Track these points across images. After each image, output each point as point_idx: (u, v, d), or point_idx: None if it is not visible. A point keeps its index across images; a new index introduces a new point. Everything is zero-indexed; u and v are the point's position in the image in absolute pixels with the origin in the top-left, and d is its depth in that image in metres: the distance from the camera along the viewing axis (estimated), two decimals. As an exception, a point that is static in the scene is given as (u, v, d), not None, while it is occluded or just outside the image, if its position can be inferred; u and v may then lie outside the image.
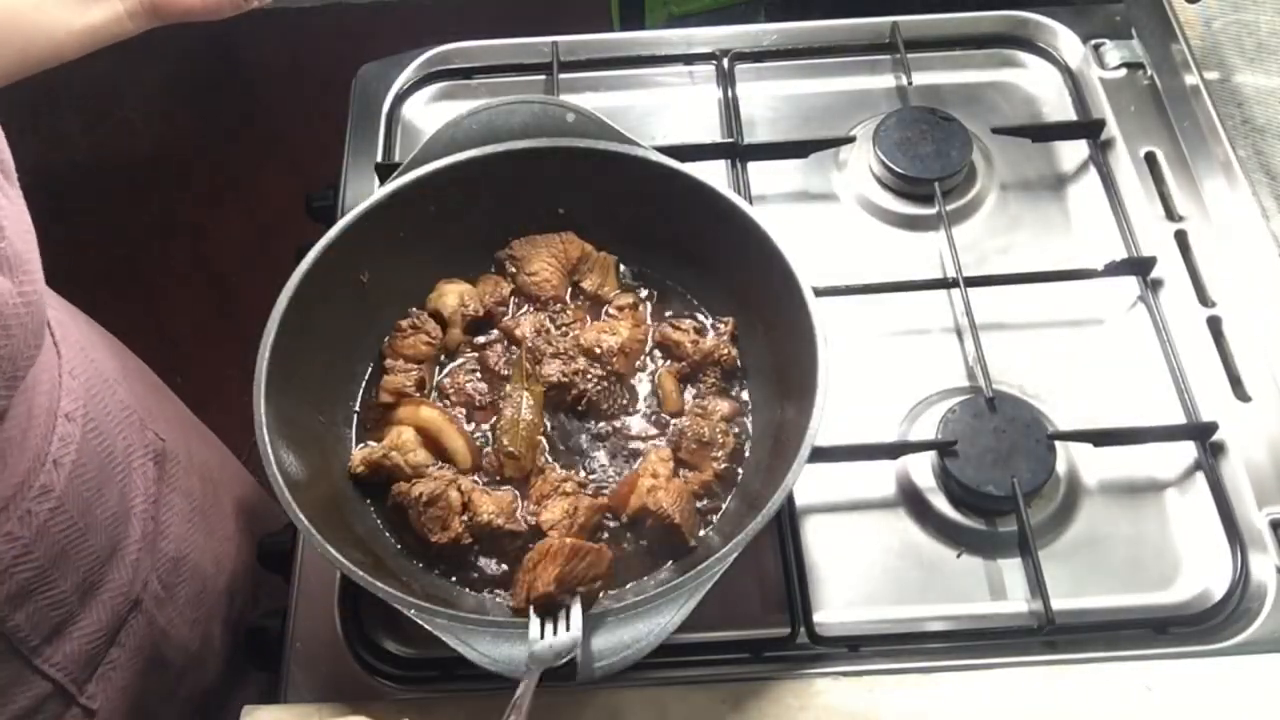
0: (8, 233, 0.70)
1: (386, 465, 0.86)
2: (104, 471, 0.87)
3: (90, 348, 0.93)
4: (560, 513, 0.83)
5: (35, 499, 0.78)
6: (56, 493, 0.80)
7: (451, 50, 1.22)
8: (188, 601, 1.00)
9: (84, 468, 0.84)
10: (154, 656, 0.96)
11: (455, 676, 0.84)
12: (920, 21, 1.21)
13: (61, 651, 0.85)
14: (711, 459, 0.87)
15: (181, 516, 1.00)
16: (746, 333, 0.93)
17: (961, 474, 0.89)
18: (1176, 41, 1.14)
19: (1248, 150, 1.09)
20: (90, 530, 0.84)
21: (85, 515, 0.84)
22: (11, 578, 0.78)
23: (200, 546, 1.03)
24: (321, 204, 1.12)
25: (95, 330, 1.01)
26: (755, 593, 0.88)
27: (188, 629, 1.00)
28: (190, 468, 1.04)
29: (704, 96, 1.19)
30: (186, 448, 1.05)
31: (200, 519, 1.04)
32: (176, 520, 0.99)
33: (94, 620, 0.88)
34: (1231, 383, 0.96)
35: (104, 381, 0.92)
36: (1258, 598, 0.85)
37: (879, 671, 0.82)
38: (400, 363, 0.92)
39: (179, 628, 0.99)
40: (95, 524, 0.85)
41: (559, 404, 0.91)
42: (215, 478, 1.10)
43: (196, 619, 1.02)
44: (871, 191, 1.11)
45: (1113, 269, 1.01)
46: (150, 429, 0.98)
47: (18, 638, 0.81)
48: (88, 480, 0.84)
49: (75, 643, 0.86)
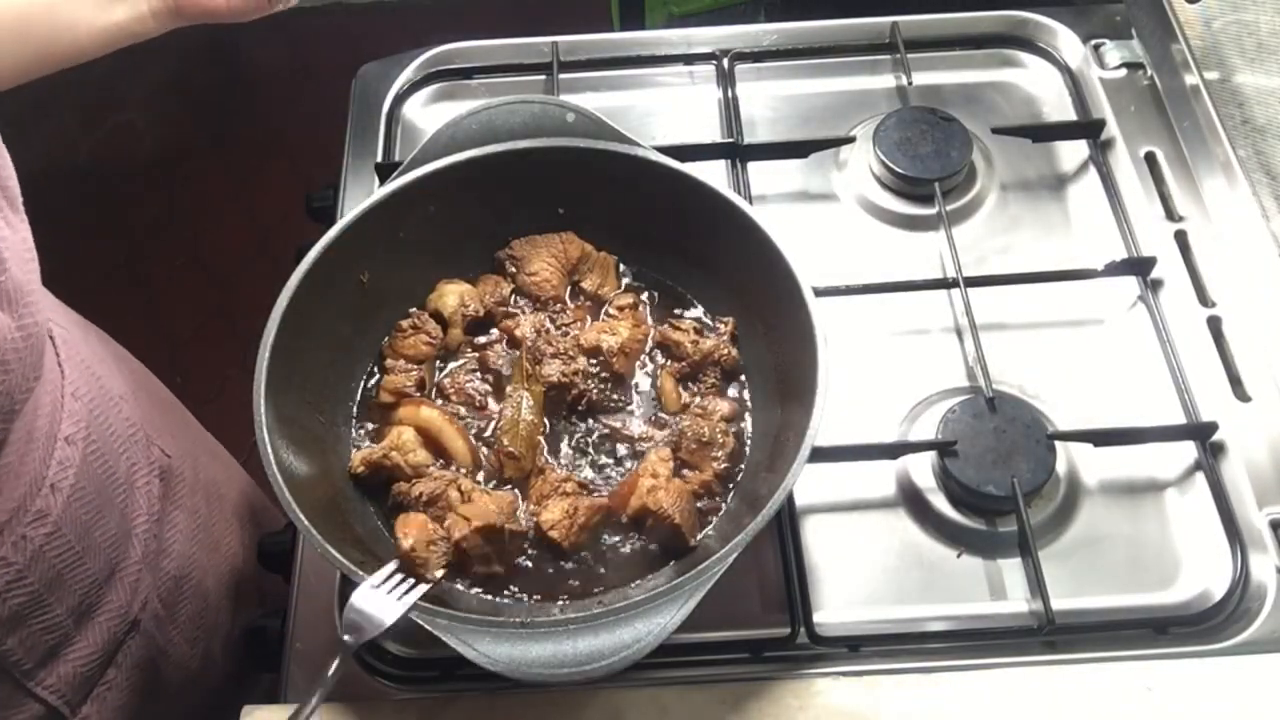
0: (9, 265, 0.69)
1: (386, 465, 0.86)
2: (104, 494, 0.85)
3: (97, 364, 0.92)
4: (560, 513, 0.83)
5: (31, 524, 0.77)
6: (53, 517, 0.79)
7: (451, 50, 1.22)
8: (189, 620, 0.99)
9: (83, 491, 0.82)
10: (152, 676, 0.95)
11: (455, 676, 0.84)
12: (920, 21, 1.21)
13: (55, 674, 0.84)
14: (711, 459, 0.87)
15: (185, 535, 0.99)
16: (746, 333, 0.93)
17: (961, 474, 0.89)
18: (1176, 41, 1.14)
19: (1248, 150, 1.08)
20: (88, 553, 0.83)
21: (83, 539, 0.82)
22: (4, 603, 0.77)
23: (203, 564, 1.01)
24: (321, 204, 1.12)
25: (104, 344, 1.00)
26: (755, 593, 0.88)
27: (188, 647, 0.99)
28: (195, 484, 1.03)
29: (704, 96, 1.19)
30: (193, 463, 1.04)
31: (204, 535, 1.03)
32: (180, 539, 0.98)
33: (90, 643, 0.86)
34: (1231, 383, 0.96)
35: (109, 400, 0.90)
36: (1258, 598, 0.85)
37: (879, 671, 0.82)
38: (400, 363, 0.92)
39: (179, 646, 0.98)
40: (93, 547, 0.84)
41: (559, 404, 0.91)
42: (221, 492, 1.09)
43: (197, 637, 1.01)
44: (871, 191, 1.11)
45: (1113, 269, 1.01)
46: (156, 445, 0.96)
47: (10, 661, 0.80)
48: (87, 503, 0.83)
49: (70, 665, 0.85)
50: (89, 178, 2.55)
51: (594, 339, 0.92)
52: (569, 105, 0.93)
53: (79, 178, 2.52)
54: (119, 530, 0.88)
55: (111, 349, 1.01)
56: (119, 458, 0.89)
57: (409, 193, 0.91)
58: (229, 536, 1.09)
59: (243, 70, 2.74)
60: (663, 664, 0.84)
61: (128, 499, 0.90)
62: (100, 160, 2.60)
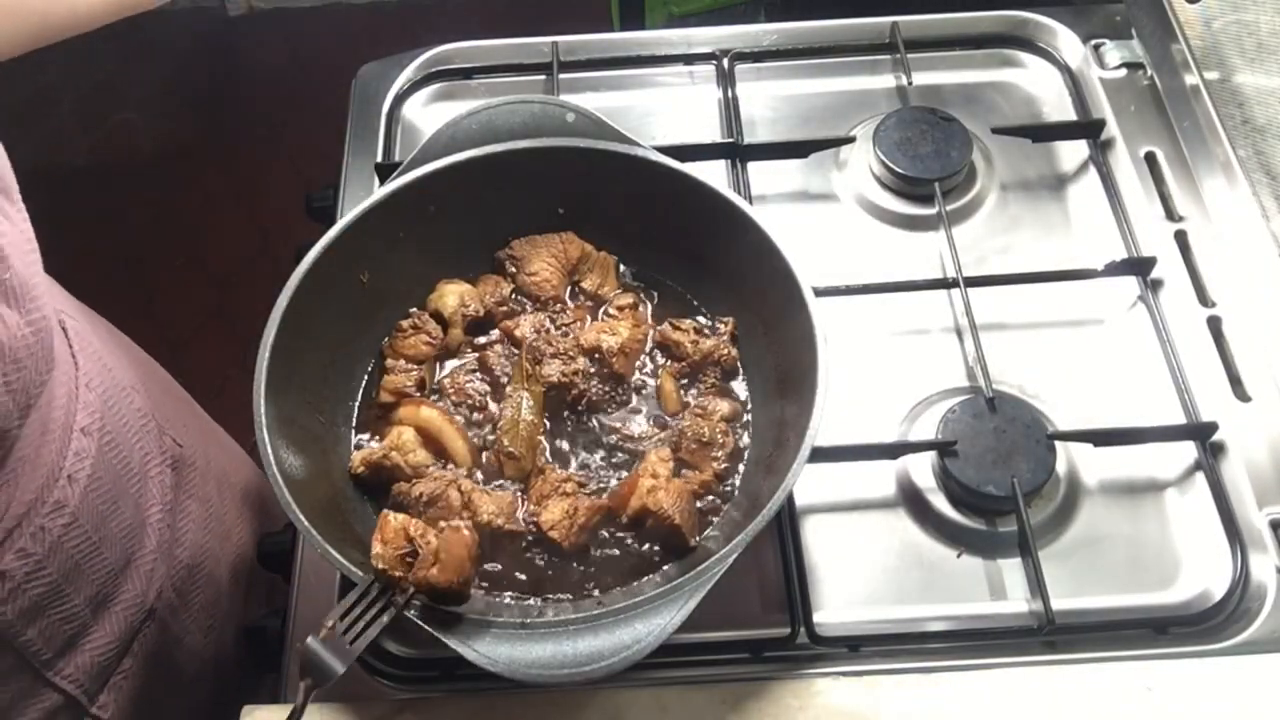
0: (11, 261, 0.69)
1: (386, 465, 0.86)
2: (119, 483, 0.86)
3: (107, 354, 0.92)
4: (560, 513, 0.83)
5: (49, 515, 0.78)
6: (70, 508, 0.79)
7: (451, 50, 1.22)
8: (202, 608, 1.00)
9: (99, 481, 0.83)
10: (167, 664, 0.95)
11: (455, 676, 0.84)
12: (920, 21, 1.21)
13: (73, 664, 0.85)
14: (711, 459, 0.87)
15: (198, 523, 0.99)
16: (746, 333, 0.93)
17: (961, 474, 0.89)
18: (1176, 41, 1.14)
19: (1248, 150, 1.08)
20: (104, 543, 0.84)
21: (100, 529, 0.83)
22: (24, 594, 0.77)
23: (215, 553, 1.02)
24: (321, 204, 1.12)
25: (113, 336, 1.00)
26: (755, 593, 0.88)
27: (201, 635, 1.00)
28: (207, 473, 1.03)
29: (704, 96, 1.19)
30: (204, 452, 1.04)
31: (216, 524, 1.03)
32: (193, 527, 0.98)
33: (107, 632, 0.87)
34: (1231, 383, 0.96)
35: (121, 390, 0.91)
36: (1258, 598, 0.85)
37: (879, 671, 0.82)
38: (400, 363, 0.93)
39: (193, 635, 0.98)
40: (110, 537, 0.84)
41: (559, 404, 0.91)
42: (231, 481, 1.10)
43: (211, 625, 1.01)
44: (871, 191, 1.11)
45: (1113, 269, 1.01)
46: (168, 434, 0.97)
47: (30, 652, 0.80)
48: (103, 493, 0.83)
49: (87, 655, 0.86)
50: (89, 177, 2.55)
51: (594, 339, 0.92)
52: (569, 105, 0.93)
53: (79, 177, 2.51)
54: (134, 520, 0.88)
55: (118, 339, 1.01)
56: (133, 448, 0.89)
57: (409, 193, 0.91)
58: (240, 525, 1.09)
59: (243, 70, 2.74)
60: (663, 664, 0.84)
61: (142, 488, 0.90)
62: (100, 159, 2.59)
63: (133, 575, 0.89)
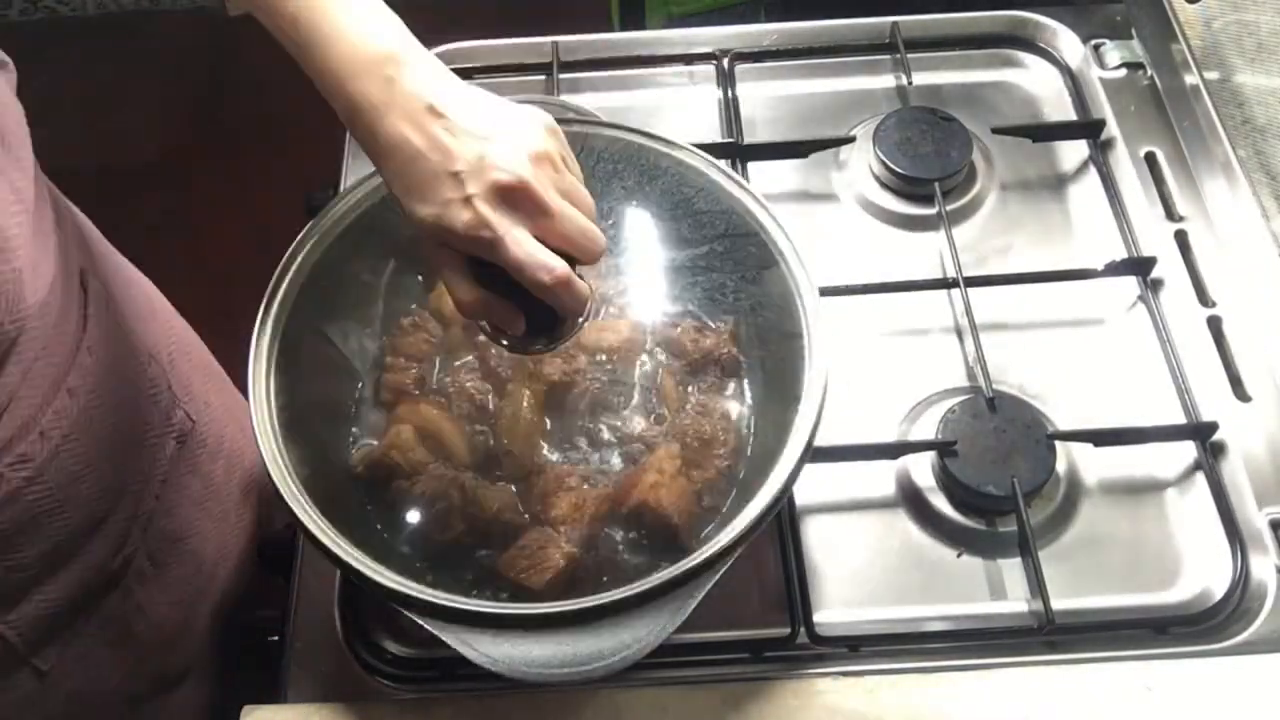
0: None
1: (386, 464, 0.86)
2: (100, 449, 0.85)
3: (134, 320, 0.91)
4: (569, 506, 0.83)
5: (10, 465, 0.76)
6: (36, 464, 0.78)
7: (451, 50, 1.22)
8: (176, 581, 0.98)
9: (75, 443, 0.81)
10: (123, 630, 0.94)
11: (455, 676, 0.84)
12: (920, 21, 1.21)
13: (17, 611, 0.83)
14: (712, 458, 0.87)
15: (192, 499, 0.98)
16: (747, 331, 0.93)
17: (961, 474, 0.89)
18: (1176, 41, 1.14)
19: (1248, 150, 1.08)
20: (69, 504, 0.82)
21: (65, 489, 0.81)
22: None
23: (204, 531, 1.01)
24: (321, 204, 1.11)
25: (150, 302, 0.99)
26: (755, 593, 0.88)
27: (167, 608, 0.98)
28: (218, 452, 1.02)
29: (704, 96, 1.19)
30: (219, 433, 1.03)
31: (214, 504, 1.02)
32: (186, 502, 0.97)
33: (59, 588, 0.85)
34: (1231, 383, 0.96)
35: (134, 358, 0.89)
36: (1258, 598, 0.85)
37: (879, 671, 0.82)
38: (401, 360, 0.92)
39: (158, 606, 0.97)
40: (76, 498, 0.83)
41: (559, 403, 0.91)
42: (245, 465, 1.08)
43: (179, 600, 1.00)
44: (871, 191, 1.11)
45: (1113, 269, 1.01)
46: (183, 408, 0.96)
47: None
48: (77, 456, 0.82)
49: (34, 605, 0.84)
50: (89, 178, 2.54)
51: (594, 338, 0.92)
52: (569, 105, 0.93)
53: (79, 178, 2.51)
54: (112, 484, 0.87)
55: (156, 306, 1.00)
56: (127, 416, 0.88)
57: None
58: (245, 512, 1.08)
59: (243, 70, 2.74)
60: (663, 664, 0.84)
61: (129, 457, 0.89)
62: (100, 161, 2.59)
63: (99, 539, 0.87)
